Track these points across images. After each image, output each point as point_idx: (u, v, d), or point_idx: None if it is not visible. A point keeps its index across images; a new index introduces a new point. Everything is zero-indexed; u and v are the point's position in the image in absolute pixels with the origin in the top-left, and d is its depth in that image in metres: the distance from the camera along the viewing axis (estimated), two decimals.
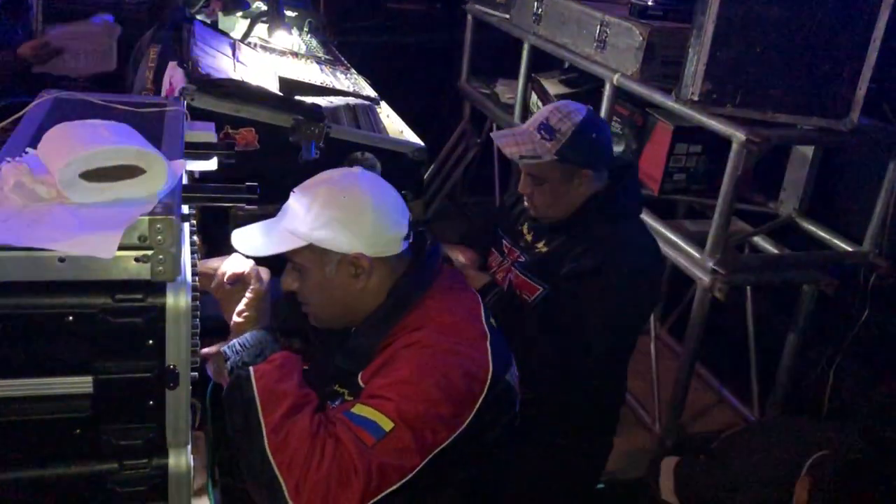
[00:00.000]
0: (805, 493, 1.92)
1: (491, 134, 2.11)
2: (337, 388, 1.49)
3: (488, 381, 1.39)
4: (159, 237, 1.08)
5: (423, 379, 1.34)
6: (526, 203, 2.10)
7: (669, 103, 2.96)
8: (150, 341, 1.15)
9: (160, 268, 1.10)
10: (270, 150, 2.47)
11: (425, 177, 4.88)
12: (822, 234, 3.13)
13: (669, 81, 3.03)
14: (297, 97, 2.65)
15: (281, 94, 2.68)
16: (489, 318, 1.52)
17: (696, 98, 2.77)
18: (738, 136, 2.65)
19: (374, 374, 1.41)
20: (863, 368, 3.00)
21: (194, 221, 1.48)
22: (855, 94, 2.66)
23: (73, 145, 1.07)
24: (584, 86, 3.88)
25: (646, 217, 3.12)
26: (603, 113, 3.41)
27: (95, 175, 1.08)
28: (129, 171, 1.11)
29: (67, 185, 1.07)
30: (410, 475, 1.31)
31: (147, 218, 1.07)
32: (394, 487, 1.29)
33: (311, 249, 1.44)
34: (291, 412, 1.32)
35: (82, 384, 1.14)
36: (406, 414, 1.31)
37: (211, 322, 2.38)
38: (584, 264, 1.98)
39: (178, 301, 1.14)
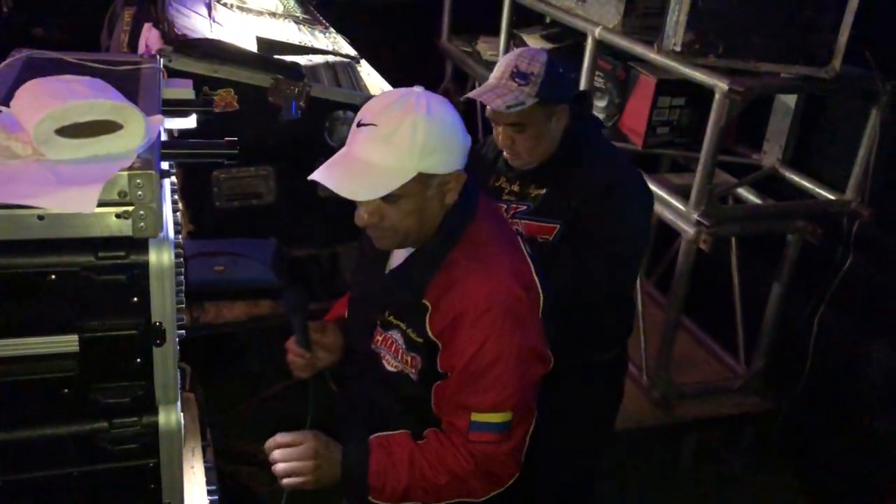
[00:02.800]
0: None
1: (469, 95, 2.07)
2: (391, 319, 1.55)
3: (542, 303, 1.53)
4: (139, 192, 1.07)
5: (504, 359, 1.45)
6: (507, 155, 2.11)
7: (652, 56, 2.94)
8: (135, 298, 1.14)
9: (142, 224, 1.09)
10: (250, 111, 2.45)
11: None
12: (805, 183, 3.14)
13: (651, 34, 3.01)
14: (276, 57, 2.62)
15: (259, 53, 2.65)
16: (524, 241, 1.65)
17: (678, 49, 2.75)
18: (720, 86, 2.64)
19: (444, 332, 1.47)
20: (846, 317, 3.03)
21: (175, 180, 1.46)
22: (837, 42, 2.65)
23: (48, 101, 1.05)
24: (566, 40, 3.85)
25: None
26: (585, 67, 3.38)
27: (71, 131, 1.07)
28: (105, 127, 1.09)
29: (43, 142, 1.05)
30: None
31: (126, 173, 1.06)
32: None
33: (415, 179, 1.40)
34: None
35: (68, 343, 1.14)
36: (512, 396, 1.46)
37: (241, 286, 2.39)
38: (596, 185, 2.04)
39: (161, 257, 1.13)
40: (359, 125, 1.41)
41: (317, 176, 1.41)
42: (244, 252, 2.48)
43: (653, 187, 2.99)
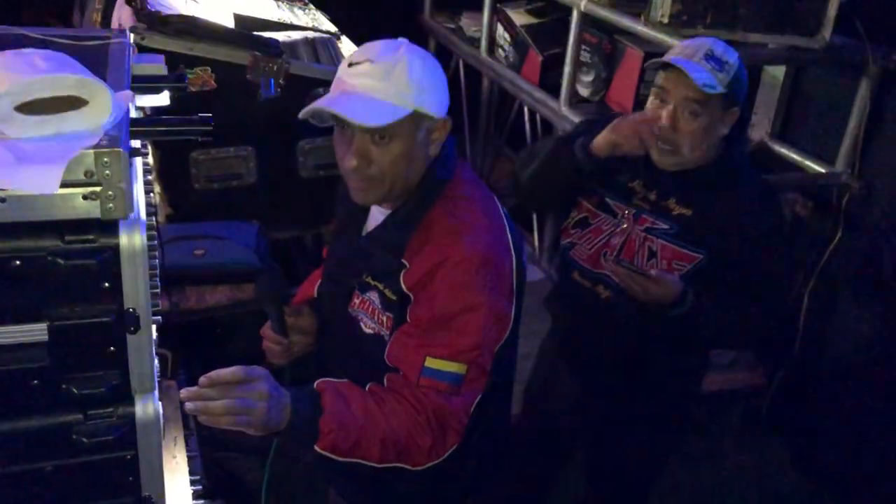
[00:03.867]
0: None
1: (662, 59, 1.86)
2: (369, 281, 1.53)
3: (514, 270, 1.51)
4: (107, 172, 1.01)
5: (473, 309, 1.42)
6: (659, 144, 1.87)
7: (639, 28, 2.89)
8: (106, 284, 1.08)
9: (110, 205, 1.03)
10: (228, 90, 2.39)
11: None
12: (794, 156, 3.11)
13: (638, 6, 2.95)
14: (254, 33, 2.55)
15: (236, 30, 2.57)
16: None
17: (665, 20, 2.70)
18: None
19: (418, 284, 1.44)
20: (836, 290, 3.01)
21: (150, 161, 1.40)
22: (826, 12, 2.61)
23: (6, 76, 0.99)
24: (551, 15, 3.79)
25: None
26: (570, 41, 3.33)
27: (33, 107, 1.00)
28: (69, 103, 1.03)
29: (3, 120, 0.99)
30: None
31: (92, 151, 1.00)
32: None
33: (411, 117, 1.39)
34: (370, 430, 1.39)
35: (37, 332, 1.08)
36: (472, 350, 1.43)
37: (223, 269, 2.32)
38: (759, 223, 1.90)
39: (132, 240, 1.07)
40: (350, 65, 1.40)
41: (321, 103, 1.38)
42: (225, 235, 2.42)
43: None
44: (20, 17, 3.63)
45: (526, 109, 4.08)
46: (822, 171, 2.98)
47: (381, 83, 1.36)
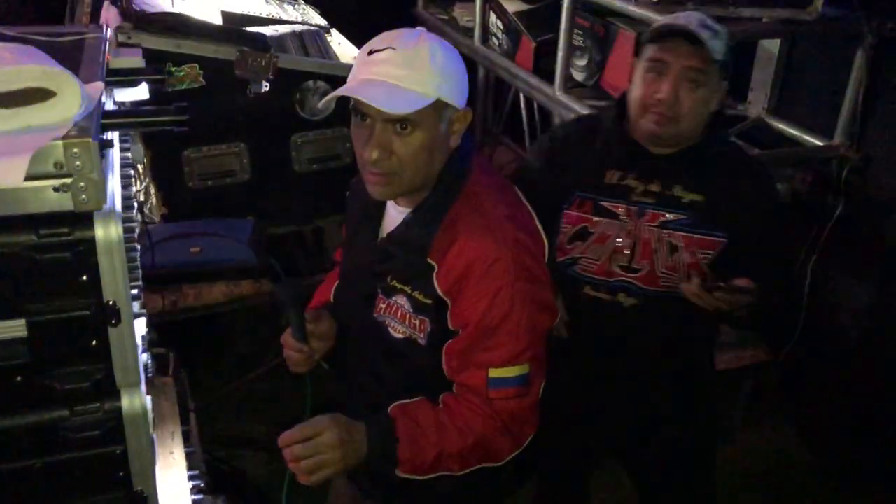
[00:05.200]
0: None
1: (668, 23, 1.79)
2: (395, 284, 1.47)
3: (546, 250, 1.49)
4: (77, 163, 1.00)
5: (518, 308, 1.39)
6: (655, 119, 1.76)
7: (630, 9, 2.85)
8: (84, 277, 1.08)
9: (83, 196, 1.02)
10: (217, 86, 2.38)
11: None
12: (792, 131, 3.07)
13: None
14: (241, 28, 2.54)
15: (223, 25, 2.56)
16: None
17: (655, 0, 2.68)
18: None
19: (454, 287, 1.40)
20: (839, 263, 2.98)
21: (130, 155, 1.39)
22: None
23: None
24: (543, 0, 3.76)
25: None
26: (563, 26, 3.29)
27: (1, 101, 1.00)
28: (37, 95, 1.02)
29: None
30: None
31: (61, 142, 0.99)
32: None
33: (433, 106, 1.33)
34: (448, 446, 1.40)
35: (15, 328, 1.07)
36: (528, 348, 1.41)
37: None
38: (763, 196, 1.86)
39: (108, 232, 1.07)
40: (370, 53, 1.34)
41: (344, 90, 1.32)
42: (221, 232, 2.42)
43: None
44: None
45: (522, 97, 4.05)
46: (821, 144, 2.95)
47: (403, 71, 1.31)
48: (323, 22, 3.05)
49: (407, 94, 1.30)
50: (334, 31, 2.96)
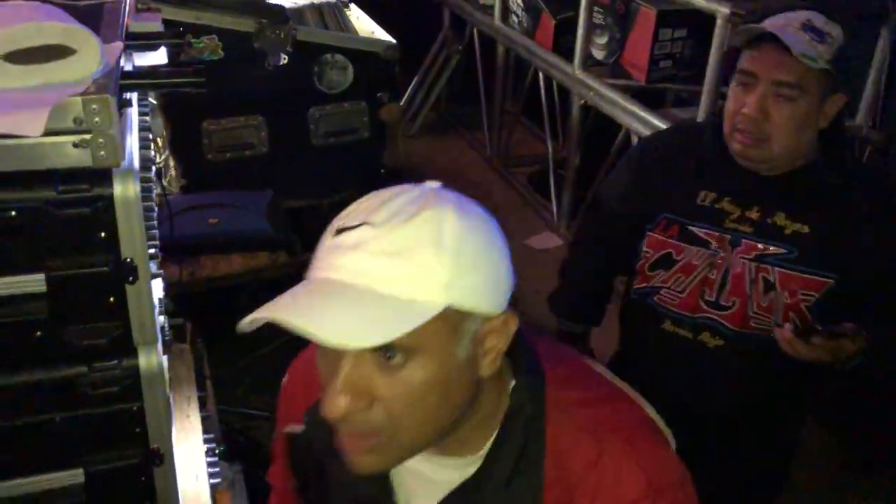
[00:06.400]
0: None
1: (754, 25, 1.55)
2: None
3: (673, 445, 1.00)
4: (96, 119, 1.01)
5: None
6: (740, 140, 1.54)
7: None
8: (102, 234, 1.09)
9: (101, 152, 1.03)
10: (235, 59, 2.39)
11: (409, 90, 4.79)
12: None
13: None
14: (260, 0, 2.54)
15: None
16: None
17: None
18: (721, 10, 2.55)
19: None
20: None
21: (148, 120, 1.40)
22: None
23: None
24: None
25: (633, 108, 3.04)
26: (583, 4, 3.30)
27: (21, 57, 1.01)
28: (57, 52, 1.03)
29: None
30: None
31: (80, 98, 1.00)
32: None
33: (442, 318, 0.79)
34: None
35: (35, 283, 1.09)
36: None
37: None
38: (890, 222, 1.57)
39: (126, 189, 1.08)
40: (338, 232, 0.81)
41: (274, 313, 0.78)
42: (238, 204, 2.44)
43: (656, 122, 2.92)
44: None
45: (541, 75, 4.04)
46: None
47: (386, 262, 0.77)
48: None
49: (389, 306, 0.77)
50: (353, 6, 2.96)
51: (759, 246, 1.58)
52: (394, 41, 2.55)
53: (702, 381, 1.71)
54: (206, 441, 1.65)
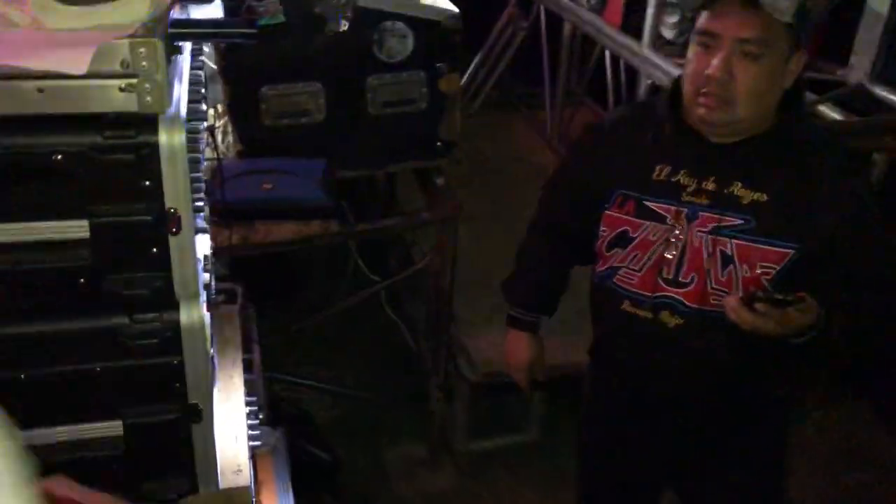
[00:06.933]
0: None
1: None
2: None
3: None
4: (143, 63, 0.99)
5: None
6: (704, 102, 1.47)
7: None
8: (146, 182, 1.07)
9: (148, 98, 1.01)
10: (296, 23, 2.36)
11: (472, 66, 4.72)
12: (894, 98, 2.90)
13: None
14: None
15: None
16: None
17: None
18: None
19: None
20: None
21: (200, 73, 1.38)
22: None
23: None
24: None
25: None
26: None
27: None
28: None
29: (41, 8, 0.98)
30: None
31: (127, 41, 0.98)
32: None
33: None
34: None
35: (79, 229, 1.08)
36: None
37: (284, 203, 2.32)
38: (855, 198, 1.53)
39: (172, 138, 1.06)
40: None
41: None
42: (293, 170, 2.42)
43: None
44: None
45: (608, 55, 3.94)
46: None
47: None
48: None
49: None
50: None
51: (716, 218, 1.53)
52: (456, 10, 2.49)
53: (666, 361, 1.66)
54: (248, 404, 1.64)
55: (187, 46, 1.29)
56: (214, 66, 2.44)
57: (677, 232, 1.57)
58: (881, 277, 1.59)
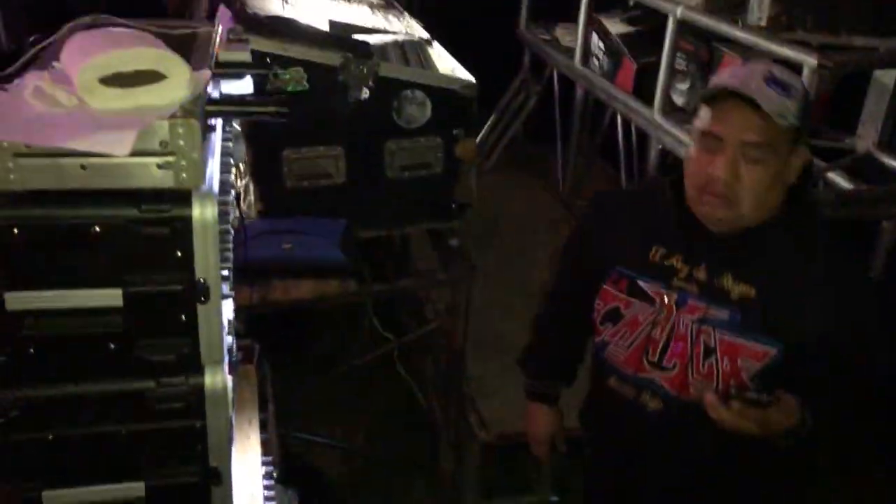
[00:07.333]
0: None
1: (718, 81, 1.47)
2: None
3: None
4: (181, 142, 1.06)
5: None
6: (707, 202, 1.46)
7: (736, 33, 2.80)
8: (179, 253, 1.13)
9: (183, 175, 1.07)
10: (319, 90, 2.44)
11: (486, 126, 4.82)
12: None
13: (737, 12, 2.87)
14: (345, 36, 2.61)
15: (328, 32, 2.64)
16: None
17: (763, 24, 2.62)
18: (809, 61, 2.48)
19: None
20: None
21: (231, 145, 1.45)
22: None
23: (92, 50, 1.05)
24: (647, 23, 3.73)
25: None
26: (666, 49, 3.26)
27: (115, 80, 1.06)
28: (149, 77, 1.08)
29: (86, 90, 1.05)
30: None
31: (167, 121, 1.04)
32: None
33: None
34: None
35: (112, 297, 1.13)
36: None
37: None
38: (853, 294, 1.50)
39: (204, 212, 1.12)
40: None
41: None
42: (312, 230, 2.48)
43: None
44: None
45: (619, 118, 4.02)
46: None
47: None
48: (425, 35, 3.10)
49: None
50: (436, 44, 3.01)
51: (703, 307, 1.51)
52: (472, 79, 2.57)
53: (644, 444, 1.65)
54: (264, 463, 1.67)
55: (219, 121, 1.35)
56: (238, 127, 2.52)
57: (664, 315, 1.56)
58: (875, 372, 1.53)
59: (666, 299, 1.55)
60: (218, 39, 1.45)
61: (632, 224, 1.65)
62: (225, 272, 1.22)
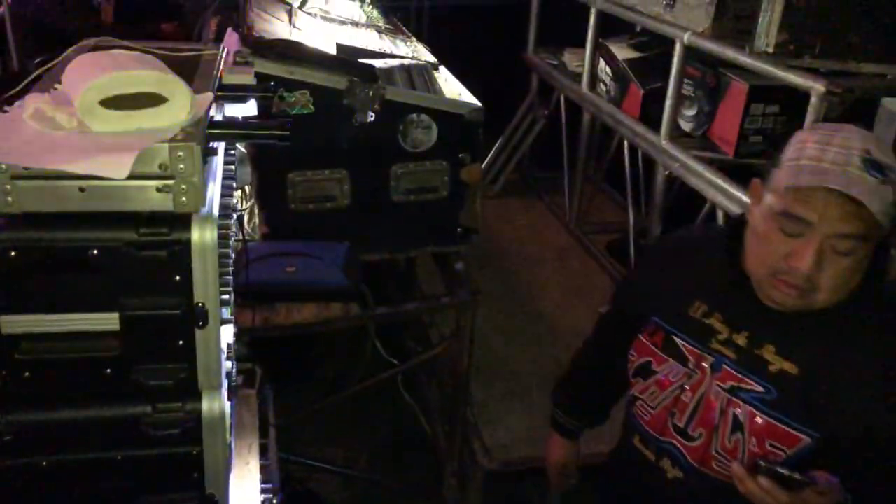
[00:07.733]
0: None
1: (813, 182, 1.22)
2: None
3: None
4: (181, 165, 1.04)
5: None
6: (785, 282, 1.29)
7: (743, 59, 2.80)
8: (177, 277, 1.11)
9: (183, 198, 1.06)
10: (325, 114, 2.45)
11: (493, 150, 4.82)
12: None
13: (743, 38, 2.87)
14: (351, 59, 2.62)
15: (334, 55, 2.65)
16: None
17: (770, 50, 2.61)
18: (816, 87, 2.47)
19: None
20: None
21: (234, 168, 1.44)
22: None
23: (93, 72, 1.04)
24: (654, 49, 3.74)
25: (720, 181, 2.97)
26: (673, 75, 3.26)
27: (116, 103, 1.05)
28: (150, 100, 1.07)
29: (87, 112, 1.04)
30: None
31: (167, 144, 1.03)
32: None
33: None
34: None
35: (109, 321, 1.12)
36: None
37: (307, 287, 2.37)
38: None
39: (203, 235, 1.10)
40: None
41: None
42: (316, 254, 2.47)
43: (746, 199, 2.85)
44: None
45: (626, 144, 4.01)
46: None
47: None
48: (433, 59, 3.11)
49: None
50: (443, 69, 3.02)
51: (738, 377, 1.37)
52: (479, 104, 2.57)
53: None
54: (263, 491, 1.64)
55: (222, 144, 1.34)
56: (244, 150, 2.52)
57: (697, 378, 1.43)
58: None
59: (702, 362, 1.43)
60: (223, 62, 1.44)
61: (676, 273, 1.54)
62: (225, 296, 1.20)
